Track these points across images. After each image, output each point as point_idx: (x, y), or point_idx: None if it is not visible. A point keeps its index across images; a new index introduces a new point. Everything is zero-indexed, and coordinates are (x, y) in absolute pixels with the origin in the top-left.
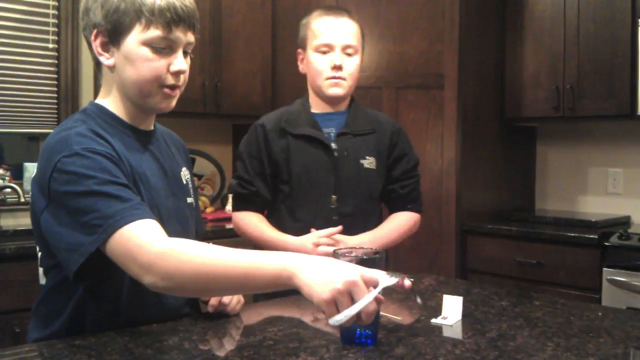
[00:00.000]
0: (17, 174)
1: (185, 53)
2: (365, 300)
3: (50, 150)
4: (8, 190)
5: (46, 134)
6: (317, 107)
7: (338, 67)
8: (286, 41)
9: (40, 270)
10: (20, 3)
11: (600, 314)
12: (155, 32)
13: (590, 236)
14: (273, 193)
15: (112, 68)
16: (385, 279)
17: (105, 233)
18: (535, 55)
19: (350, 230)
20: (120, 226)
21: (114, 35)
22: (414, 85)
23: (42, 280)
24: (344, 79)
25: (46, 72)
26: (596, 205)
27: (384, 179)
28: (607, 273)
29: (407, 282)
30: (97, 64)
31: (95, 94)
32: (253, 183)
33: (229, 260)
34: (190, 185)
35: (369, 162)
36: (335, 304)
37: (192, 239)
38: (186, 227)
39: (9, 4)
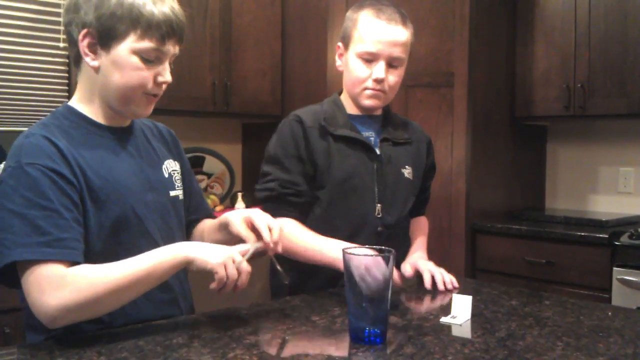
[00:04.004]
0: None
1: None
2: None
3: (9, 156)
4: None
5: None
6: (351, 108)
7: (380, 81)
8: (296, 40)
9: None
10: (31, 2)
11: (610, 313)
12: (148, 44)
13: (601, 235)
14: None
15: (95, 69)
16: (254, 244)
17: (2, 262)
18: (546, 53)
19: (389, 242)
20: (16, 260)
21: (105, 39)
22: (423, 84)
23: None
24: (384, 92)
25: (57, 71)
26: (607, 205)
27: (417, 190)
28: (618, 273)
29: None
30: (77, 62)
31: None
32: (296, 182)
33: (127, 269)
34: (177, 177)
35: (408, 172)
36: (225, 267)
37: (178, 232)
38: (168, 221)
39: (20, 3)
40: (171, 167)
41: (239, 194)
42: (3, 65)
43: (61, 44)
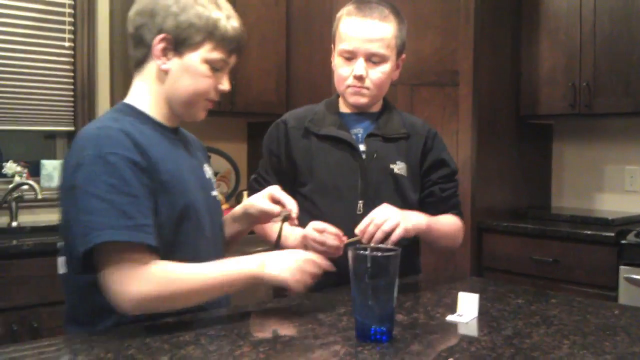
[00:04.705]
0: (35, 171)
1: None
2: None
3: (79, 145)
4: (26, 187)
5: (63, 132)
6: (346, 106)
7: (359, 78)
8: (301, 40)
9: (61, 260)
10: (36, 2)
11: (616, 312)
12: (219, 55)
13: (607, 234)
14: (291, 196)
15: (165, 72)
16: (284, 211)
17: (92, 242)
18: (551, 52)
19: (378, 241)
20: (106, 240)
21: (180, 45)
22: (428, 83)
23: (61, 270)
24: (366, 88)
25: (62, 70)
26: (613, 203)
27: (419, 186)
28: (624, 271)
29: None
30: (139, 63)
31: (112, 92)
32: (269, 181)
33: (207, 274)
34: (213, 181)
35: (399, 168)
36: (301, 282)
37: (221, 230)
38: (215, 219)
39: (25, 2)
40: (209, 170)
41: (244, 193)
42: (9, 65)
43: (66, 43)
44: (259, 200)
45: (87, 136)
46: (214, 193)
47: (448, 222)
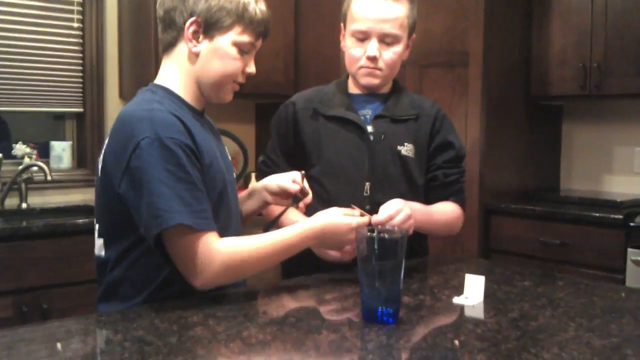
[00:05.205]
0: (44, 153)
1: None
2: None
3: (132, 127)
4: (35, 168)
5: (72, 113)
6: (355, 88)
7: (372, 59)
8: (310, 20)
9: (100, 242)
10: None
11: (623, 294)
12: (247, 38)
13: (616, 216)
14: None
15: (196, 55)
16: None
17: (165, 224)
18: (562, 32)
19: None
20: (174, 224)
21: (210, 28)
22: (438, 64)
23: (101, 252)
24: (379, 69)
25: (71, 51)
26: (622, 185)
27: (425, 169)
28: (632, 254)
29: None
30: (169, 46)
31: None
32: (278, 163)
33: (264, 243)
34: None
35: (406, 149)
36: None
37: (239, 209)
38: (236, 201)
39: None
40: (228, 153)
41: (253, 174)
42: (17, 46)
43: (75, 24)
44: (280, 178)
45: (140, 118)
46: (234, 175)
47: (444, 212)
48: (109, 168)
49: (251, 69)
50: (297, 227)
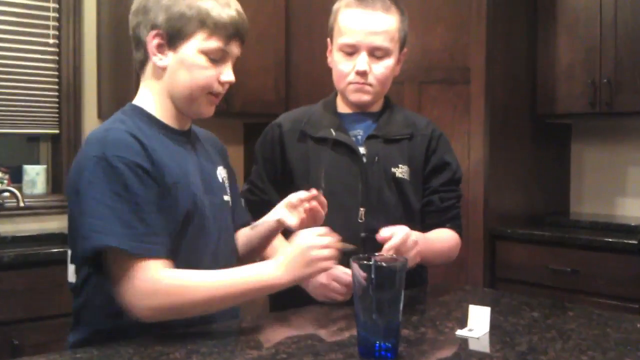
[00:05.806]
0: (16, 177)
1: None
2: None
3: (85, 148)
4: (6, 194)
5: (47, 135)
6: (344, 106)
7: (362, 74)
8: (301, 36)
9: (72, 268)
10: None
11: (639, 325)
12: (215, 44)
13: (630, 242)
14: None
15: (163, 69)
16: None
17: (94, 245)
18: (570, 47)
19: (379, 251)
20: (102, 246)
21: (173, 39)
22: (437, 80)
23: (72, 278)
24: (370, 84)
25: (46, 69)
26: (636, 208)
27: (421, 191)
28: None
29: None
30: (142, 65)
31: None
32: (265, 191)
33: (215, 282)
34: (227, 184)
35: (401, 171)
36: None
37: (229, 235)
38: (222, 224)
39: None
40: (222, 173)
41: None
42: None
43: (51, 40)
44: (277, 212)
45: (94, 138)
46: (226, 198)
47: (442, 240)
48: (68, 190)
49: (227, 77)
50: (263, 266)
